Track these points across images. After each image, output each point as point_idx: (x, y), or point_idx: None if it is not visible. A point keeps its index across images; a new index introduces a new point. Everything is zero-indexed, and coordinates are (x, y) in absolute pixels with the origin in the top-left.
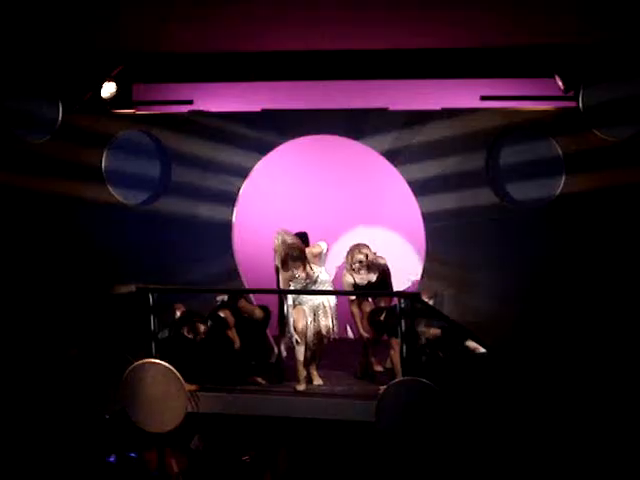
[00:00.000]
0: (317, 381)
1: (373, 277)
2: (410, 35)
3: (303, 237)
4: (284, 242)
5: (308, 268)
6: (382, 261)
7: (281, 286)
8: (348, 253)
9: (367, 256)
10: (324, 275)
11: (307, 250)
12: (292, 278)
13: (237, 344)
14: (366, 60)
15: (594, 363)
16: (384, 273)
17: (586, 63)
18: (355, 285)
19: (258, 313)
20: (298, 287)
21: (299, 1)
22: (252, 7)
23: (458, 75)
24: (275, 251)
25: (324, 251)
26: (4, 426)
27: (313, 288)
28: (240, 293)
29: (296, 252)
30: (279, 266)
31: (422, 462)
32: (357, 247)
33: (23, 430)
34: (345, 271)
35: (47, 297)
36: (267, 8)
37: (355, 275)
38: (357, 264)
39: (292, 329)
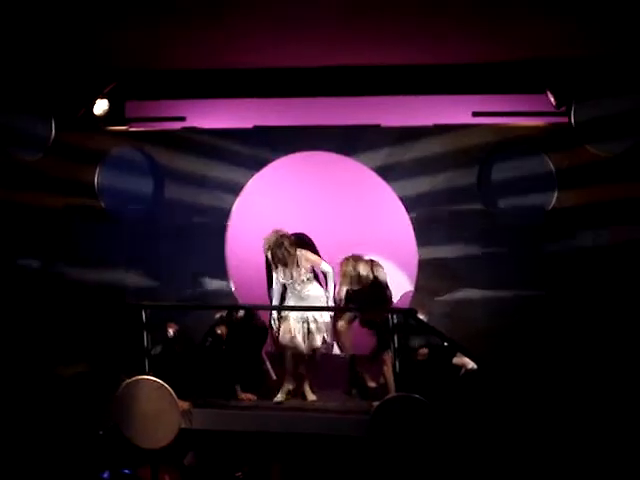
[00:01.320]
0: (310, 397)
1: (370, 276)
2: (402, 51)
3: (301, 238)
4: (272, 240)
5: (295, 268)
6: (380, 272)
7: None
8: (342, 264)
9: (359, 271)
10: (315, 290)
11: (300, 252)
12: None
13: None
14: (358, 76)
15: (587, 374)
16: (379, 286)
17: (578, 79)
18: (348, 296)
19: None
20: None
21: (291, 18)
22: (244, 25)
23: (450, 91)
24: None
25: (328, 273)
26: None
27: (299, 296)
28: (232, 309)
29: (281, 253)
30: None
31: (415, 477)
32: (350, 261)
33: (17, 446)
34: (339, 287)
35: (40, 313)
36: (260, 26)
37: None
38: (348, 278)
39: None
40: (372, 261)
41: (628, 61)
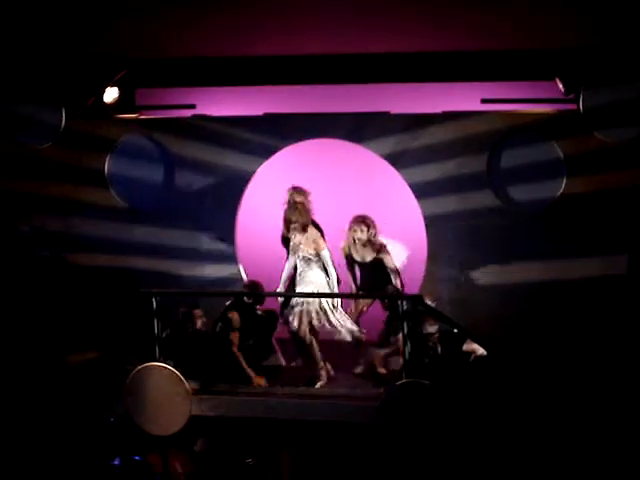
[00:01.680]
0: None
1: (369, 256)
2: (411, 39)
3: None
4: (290, 200)
5: (304, 239)
6: (387, 258)
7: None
8: (350, 225)
9: (367, 234)
10: (316, 276)
11: (310, 229)
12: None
13: (235, 346)
14: (367, 64)
15: (594, 364)
16: (382, 252)
17: (586, 66)
18: (349, 257)
19: None
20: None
21: (300, 6)
22: (255, 12)
23: (459, 78)
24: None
25: (325, 257)
26: (10, 429)
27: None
28: (242, 296)
29: (296, 215)
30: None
31: (423, 464)
32: (358, 223)
33: (28, 433)
34: (344, 241)
35: (50, 301)
36: (269, 13)
37: (352, 249)
38: (357, 240)
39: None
40: (381, 245)
41: (637, 49)
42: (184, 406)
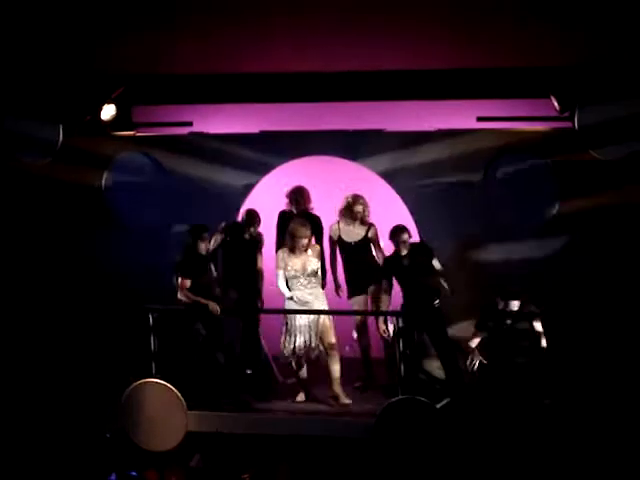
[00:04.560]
0: (344, 400)
1: (362, 233)
2: (406, 57)
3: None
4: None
5: (305, 257)
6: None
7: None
8: (346, 203)
9: (364, 210)
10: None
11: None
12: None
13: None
14: (363, 82)
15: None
16: (370, 229)
17: (581, 84)
18: (339, 239)
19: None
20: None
21: (297, 24)
22: (250, 30)
23: (454, 96)
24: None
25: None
26: (7, 445)
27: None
28: (235, 315)
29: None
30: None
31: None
32: (356, 198)
33: (25, 448)
34: (335, 223)
35: (49, 317)
36: (264, 30)
37: (345, 227)
38: (355, 214)
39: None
40: (370, 223)
41: (631, 66)
42: (180, 422)
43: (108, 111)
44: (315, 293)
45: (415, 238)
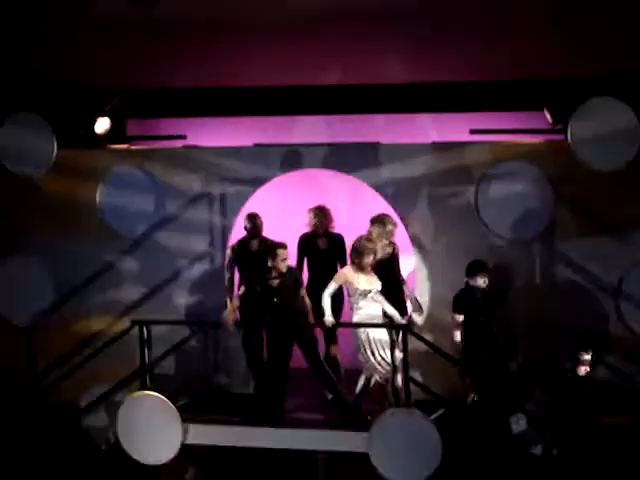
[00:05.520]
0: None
1: (387, 253)
2: (400, 70)
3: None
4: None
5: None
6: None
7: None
8: (375, 223)
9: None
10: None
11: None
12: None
13: None
14: (357, 95)
15: None
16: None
17: (574, 96)
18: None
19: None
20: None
21: (291, 38)
22: (245, 44)
23: (448, 109)
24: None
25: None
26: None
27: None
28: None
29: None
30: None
31: None
32: (384, 217)
33: (20, 461)
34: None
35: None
36: (259, 45)
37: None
38: (389, 234)
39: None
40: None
41: (623, 79)
42: (175, 435)
43: (102, 124)
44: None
45: (409, 252)
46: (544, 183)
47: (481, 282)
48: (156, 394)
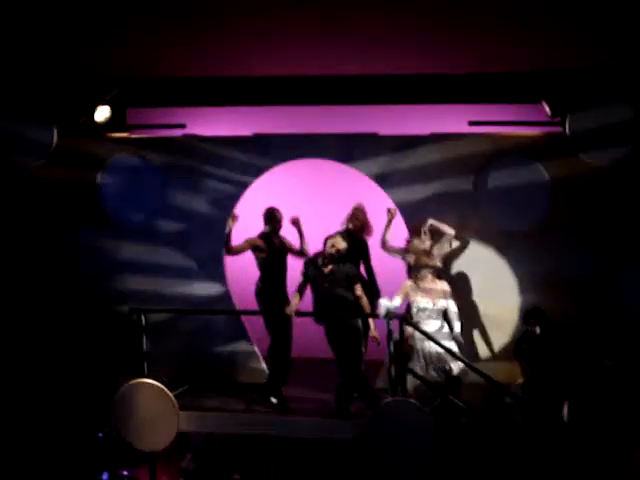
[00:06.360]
0: None
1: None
2: (399, 61)
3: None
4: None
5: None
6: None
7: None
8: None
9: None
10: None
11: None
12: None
13: None
14: (356, 85)
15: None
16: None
17: (572, 89)
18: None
19: None
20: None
21: (291, 28)
22: (245, 33)
23: (447, 100)
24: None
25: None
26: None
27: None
28: (233, 314)
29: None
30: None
31: None
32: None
33: (18, 446)
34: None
35: (42, 316)
36: (260, 34)
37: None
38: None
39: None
40: None
41: (621, 72)
42: (171, 422)
43: (102, 113)
44: None
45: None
46: (542, 175)
47: (536, 329)
48: (153, 382)
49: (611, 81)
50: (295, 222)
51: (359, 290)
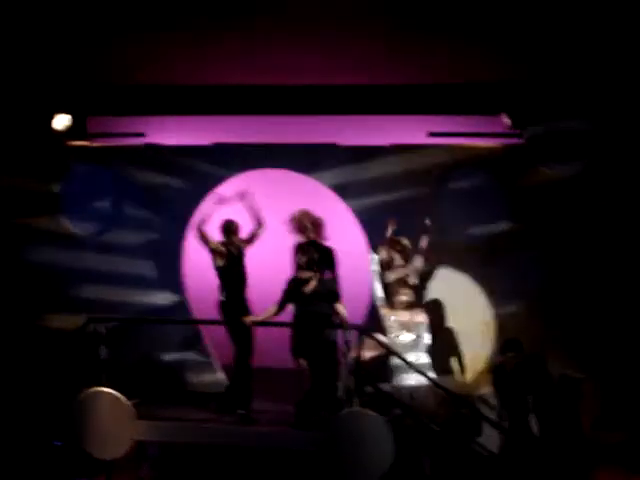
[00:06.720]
0: None
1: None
2: (359, 72)
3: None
4: None
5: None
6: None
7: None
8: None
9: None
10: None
11: None
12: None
13: None
14: (316, 96)
15: None
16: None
17: (532, 101)
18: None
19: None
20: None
21: (251, 39)
22: (205, 43)
23: (407, 111)
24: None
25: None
26: None
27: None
28: (190, 324)
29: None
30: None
31: None
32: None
33: None
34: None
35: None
36: (219, 44)
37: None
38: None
39: None
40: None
41: (583, 84)
42: (129, 431)
43: (62, 121)
44: None
45: (365, 252)
46: (500, 186)
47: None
48: (110, 390)
49: (569, 94)
50: (243, 196)
51: (341, 307)
